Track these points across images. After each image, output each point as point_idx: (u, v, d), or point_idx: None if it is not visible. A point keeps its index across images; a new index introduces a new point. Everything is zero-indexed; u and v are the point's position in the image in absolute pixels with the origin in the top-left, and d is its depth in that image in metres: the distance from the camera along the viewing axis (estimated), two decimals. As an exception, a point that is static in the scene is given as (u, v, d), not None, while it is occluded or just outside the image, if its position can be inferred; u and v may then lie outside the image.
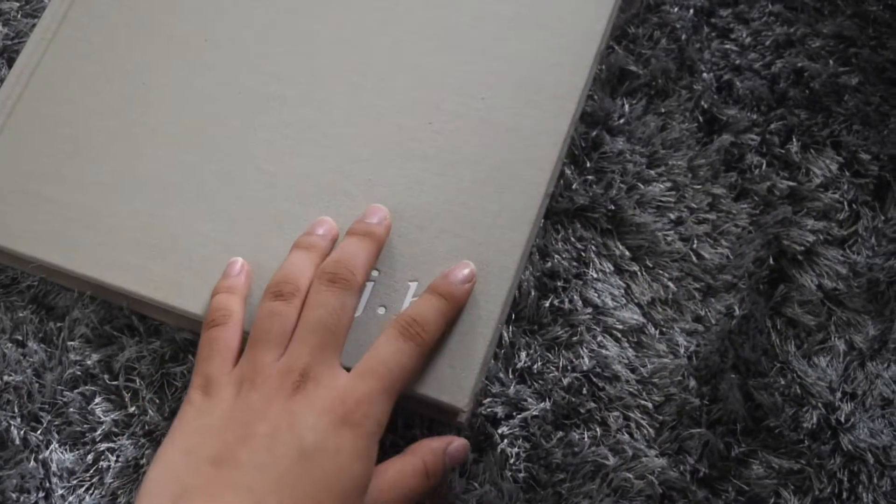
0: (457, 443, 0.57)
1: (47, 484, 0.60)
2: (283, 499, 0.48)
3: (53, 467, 0.61)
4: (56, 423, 0.62)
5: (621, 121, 0.66)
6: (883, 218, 0.65)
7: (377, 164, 0.63)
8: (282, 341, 0.55)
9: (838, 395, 0.61)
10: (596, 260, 0.63)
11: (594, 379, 0.61)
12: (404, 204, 0.62)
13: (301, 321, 0.55)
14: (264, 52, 0.67)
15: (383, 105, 0.65)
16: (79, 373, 0.63)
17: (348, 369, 0.55)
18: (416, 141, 0.63)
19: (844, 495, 0.59)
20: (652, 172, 0.65)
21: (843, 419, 0.60)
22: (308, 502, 0.49)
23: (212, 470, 0.50)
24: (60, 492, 0.60)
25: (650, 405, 0.61)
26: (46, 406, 0.62)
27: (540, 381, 0.61)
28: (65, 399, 0.62)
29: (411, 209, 0.62)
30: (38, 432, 0.62)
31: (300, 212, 0.62)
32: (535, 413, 0.60)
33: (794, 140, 0.66)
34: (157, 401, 0.62)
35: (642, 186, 0.65)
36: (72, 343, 0.63)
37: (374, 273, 0.60)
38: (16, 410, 0.62)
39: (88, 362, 0.63)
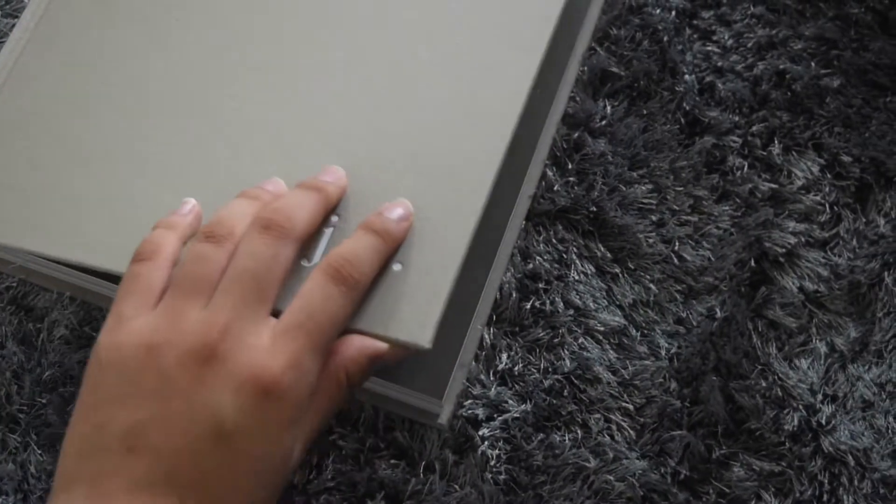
0: (379, 347, 0.51)
1: (25, 486, 0.60)
2: (204, 488, 0.44)
3: (32, 469, 0.60)
4: (35, 424, 0.62)
5: (603, 122, 0.66)
6: (864, 220, 0.65)
7: (343, 119, 0.61)
8: (205, 289, 0.48)
9: (819, 397, 0.61)
10: (577, 262, 0.63)
11: (575, 381, 0.61)
12: (368, 152, 0.60)
13: (228, 269, 0.49)
14: (234, 28, 0.66)
15: (352, 60, 0.63)
16: (58, 374, 0.62)
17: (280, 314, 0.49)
18: (382, 89, 0.62)
19: (825, 498, 0.59)
20: (634, 174, 0.65)
21: (823, 421, 0.60)
22: (230, 490, 0.45)
23: (125, 456, 0.45)
24: (39, 494, 0.60)
25: (631, 407, 0.61)
26: (25, 408, 0.62)
27: (521, 383, 0.61)
28: (43, 401, 0.62)
29: (376, 156, 0.60)
30: (17, 434, 0.61)
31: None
32: (515, 415, 0.60)
33: (776, 142, 0.66)
34: (137, 403, 0.62)
35: (624, 188, 0.65)
36: (51, 344, 0.63)
37: (334, 219, 0.54)
38: (-6, 412, 0.62)
39: (67, 363, 0.63)
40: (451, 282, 0.53)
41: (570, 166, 0.65)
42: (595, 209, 0.64)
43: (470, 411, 0.60)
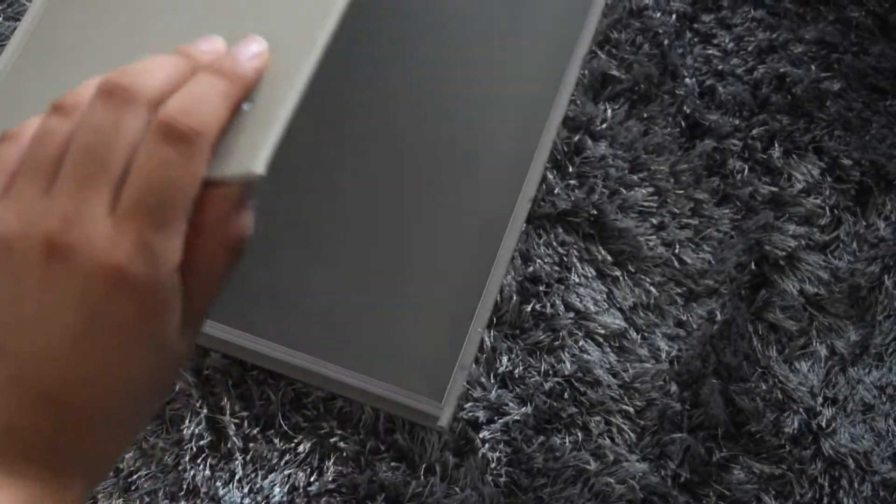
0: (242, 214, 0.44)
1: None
2: (64, 397, 0.40)
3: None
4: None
5: (604, 126, 0.66)
6: (864, 223, 0.65)
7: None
8: (49, 170, 0.42)
9: (819, 400, 0.61)
10: (578, 265, 0.63)
11: (576, 384, 0.61)
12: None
13: (67, 145, 0.42)
14: None
15: None
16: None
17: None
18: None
19: (825, 500, 0.59)
20: (634, 177, 0.65)
21: (824, 424, 0.60)
22: (93, 399, 0.41)
23: None
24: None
25: (632, 410, 0.61)
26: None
27: (521, 386, 0.61)
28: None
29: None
30: None
31: None
32: (516, 418, 0.60)
33: (776, 145, 0.66)
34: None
35: (624, 191, 0.65)
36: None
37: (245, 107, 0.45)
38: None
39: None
40: (289, 107, 0.44)
41: (570, 169, 0.65)
42: (595, 212, 0.64)
43: (470, 414, 0.60)
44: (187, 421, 0.60)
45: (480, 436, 0.60)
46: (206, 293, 0.43)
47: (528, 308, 0.62)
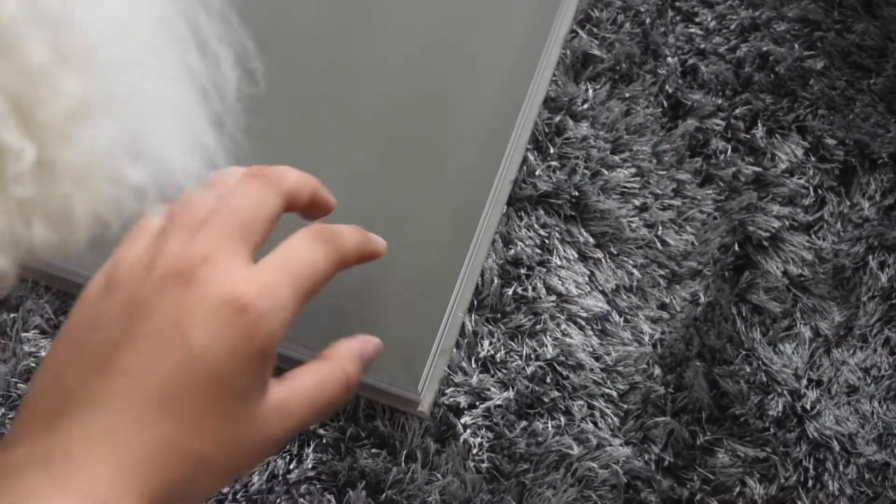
0: (372, 344, 0.53)
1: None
2: (166, 410, 0.44)
3: (7, 462, 0.60)
4: (10, 416, 0.61)
5: (585, 106, 0.65)
6: (848, 203, 0.64)
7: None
8: (193, 226, 0.48)
9: (804, 382, 0.61)
10: (560, 247, 0.63)
11: (558, 367, 0.61)
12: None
13: (214, 207, 0.49)
14: None
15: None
16: (33, 364, 0.62)
17: None
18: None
19: (810, 483, 0.59)
20: (616, 158, 0.65)
21: (808, 406, 0.60)
22: (195, 414, 0.44)
23: (94, 377, 0.44)
24: (15, 486, 0.59)
25: (615, 394, 0.60)
26: (0, 399, 0.61)
27: (503, 371, 0.60)
28: (19, 392, 0.61)
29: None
30: (-8, 426, 0.61)
31: None
32: (498, 402, 0.60)
33: (760, 125, 0.66)
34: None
35: (606, 172, 0.64)
36: (26, 334, 0.62)
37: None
38: (-32, 404, 0.61)
39: (43, 353, 0.62)
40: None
41: (551, 151, 0.64)
42: (577, 194, 0.63)
43: (452, 399, 0.60)
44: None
45: (462, 421, 0.60)
46: (299, 410, 0.48)
47: (510, 291, 0.62)
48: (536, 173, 0.64)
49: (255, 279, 0.46)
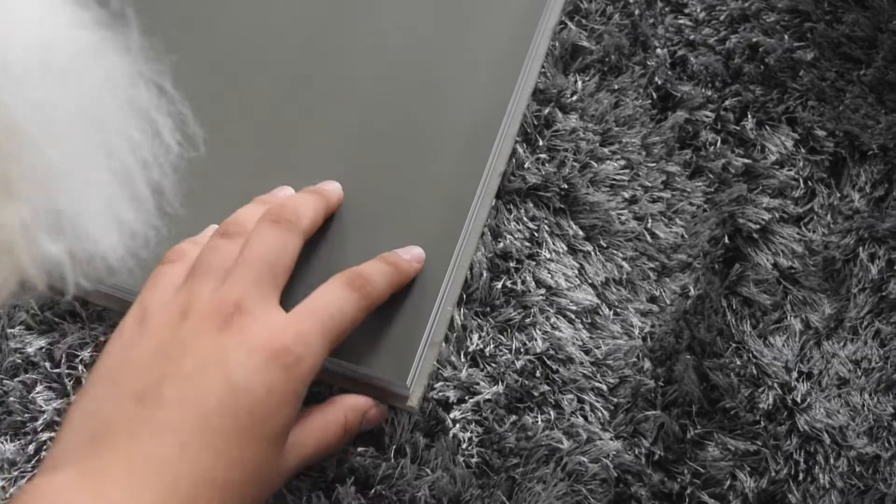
0: (376, 409, 0.57)
1: (-14, 476, 0.59)
2: (207, 440, 0.46)
3: (-7, 459, 0.59)
4: (-5, 413, 0.60)
5: (574, 98, 0.65)
6: (839, 195, 0.64)
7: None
8: (220, 275, 0.52)
9: (794, 374, 0.60)
10: (549, 240, 0.62)
11: (548, 361, 0.60)
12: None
13: (240, 256, 0.53)
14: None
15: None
16: (19, 361, 0.61)
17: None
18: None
19: (801, 476, 0.59)
20: (605, 150, 0.64)
21: (799, 399, 0.60)
22: (233, 445, 0.47)
23: (135, 406, 0.47)
24: (1, 483, 0.59)
25: (604, 387, 0.60)
26: (-15, 396, 0.61)
27: (492, 365, 0.60)
28: (5, 388, 0.61)
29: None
30: (-23, 423, 0.60)
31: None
32: (487, 397, 0.59)
33: (749, 116, 0.65)
34: (100, 389, 0.60)
35: (595, 165, 0.64)
36: (11, 330, 0.62)
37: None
38: (-47, 401, 0.61)
39: (29, 350, 0.61)
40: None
41: (540, 143, 0.64)
42: (566, 186, 0.63)
43: (441, 394, 0.59)
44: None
45: (451, 416, 0.59)
46: (320, 445, 0.53)
47: (499, 285, 0.61)
48: (525, 166, 0.63)
49: (289, 326, 0.50)
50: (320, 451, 0.53)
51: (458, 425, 0.59)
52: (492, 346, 0.60)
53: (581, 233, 0.63)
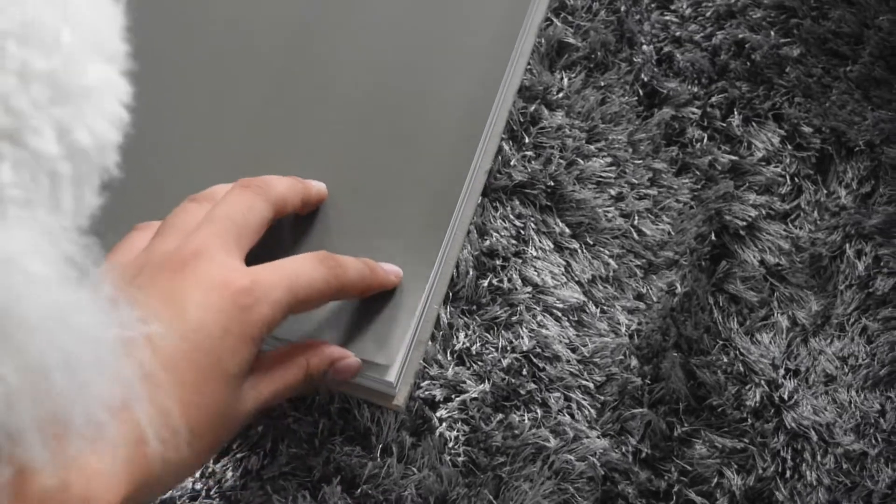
0: (349, 360, 0.55)
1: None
2: (167, 381, 0.45)
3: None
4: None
5: (560, 95, 0.65)
6: (825, 191, 0.64)
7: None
8: (185, 233, 0.51)
9: (781, 372, 0.60)
10: (535, 237, 0.62)
11: (534, 359, 0.60)
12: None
13: (206, 214, 0.52)
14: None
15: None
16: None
17: None
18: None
19: (788, 473, 0.58)
20: (592, 147, 0.64)
21: (786, 396, 0.60)
22: (189, 386, 0.45)
23: None
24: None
25: (591, 385, 0.60)
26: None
27: (479, 363, 0.60)
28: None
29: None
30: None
31: None
32: (474, 395, 0.59)
33: (736, 113, 0.65)
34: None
35: (582, 162, 0.63)
36: None
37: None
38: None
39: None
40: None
41: (526, 140, 0.64)
42: (552, 184, 0.63)
43: (427, 392, 0.59)
44: (135, 405, 0.59)
45: (438, 414, 0.59)
46: (281, 387, 0.51)
47: (485, 283, 0.61)
48: (511, 163, 0.63)
49: (250, 273, 0.48)
50: (279, 395, 0.51)
51: (444, 424, 0.59)
52: (478, 344, 0.60)
53: (567, 230, 0.63)
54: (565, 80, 0.65)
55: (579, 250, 0.62)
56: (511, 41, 0.64)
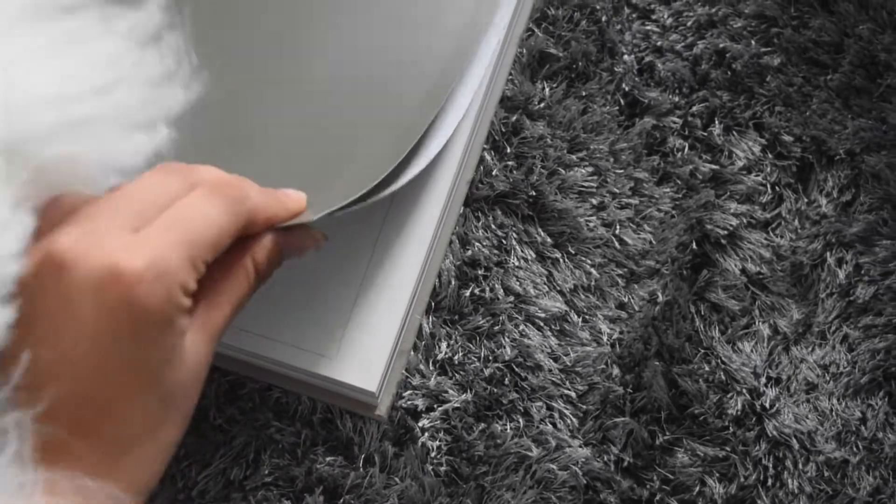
0: (297, 233, 0.50)
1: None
2: (76, 400, 0.40)
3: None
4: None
5: (541, 105, 0.65)
6: (806, 200, 0.64)
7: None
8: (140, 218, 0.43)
9: (763, 380, 0.61)
10: (517, 247, 0.62)
11: (516, 369, 0.60)
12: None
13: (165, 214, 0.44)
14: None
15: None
16: None
17: None
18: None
19: (770, 482, 0.59)
20: (573, 157, 0.64)
21: (767, 405, 0.60)
22: (112, 402, 0.41)
23: None
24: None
25: (573, 394, 0.60)
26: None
27: (461, 373, 0.60)
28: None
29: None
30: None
31: None
32: (456, 405, 0.59)
33: (717, 122, 0.65)
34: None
35: (563, 171, 0.64)
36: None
37: None
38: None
39: None
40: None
41: (508, 150, 0.64)
42: (534, 193, 0.63)
43: (409, 402, 0.59)
44: (117, 416, 0.58)
45: (420, 424, 0.59)
46: (231, 307, 0.46)
47: (467, 293, 0.61)
48: (493, 173, 0.63)
49: (136, 248, 0.41)
50: (233, 317, 0.46)
51: (426, 434, 0.59)
52: (460, 353, 0.60)
53: (549, 240, 0.63)
54: (547, 90, 0.65)
55: (561, 260, 0.63)
56: (497, 53, 0.63)
